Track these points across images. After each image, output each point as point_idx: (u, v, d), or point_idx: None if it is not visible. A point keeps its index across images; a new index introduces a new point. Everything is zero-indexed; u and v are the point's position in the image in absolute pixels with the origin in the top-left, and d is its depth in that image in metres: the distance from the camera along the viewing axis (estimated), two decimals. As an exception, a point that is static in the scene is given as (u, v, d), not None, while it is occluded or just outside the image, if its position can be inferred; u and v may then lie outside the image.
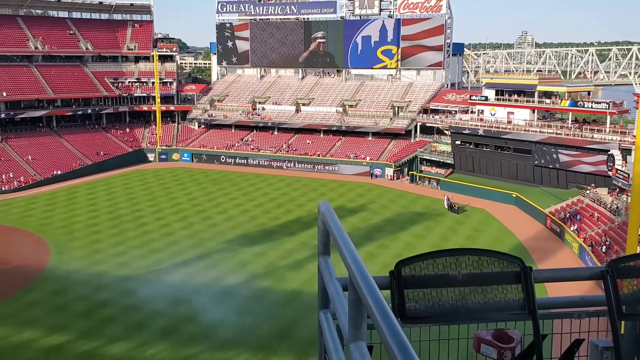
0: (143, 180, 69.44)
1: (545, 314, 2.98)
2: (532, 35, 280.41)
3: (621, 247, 38.97)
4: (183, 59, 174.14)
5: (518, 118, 63.57)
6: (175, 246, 45.40)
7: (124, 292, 36.45)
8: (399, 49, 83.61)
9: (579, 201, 51.47)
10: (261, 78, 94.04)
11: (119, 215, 54.20)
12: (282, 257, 42.67)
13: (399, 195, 62.00)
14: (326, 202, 3.00)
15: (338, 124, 79.17)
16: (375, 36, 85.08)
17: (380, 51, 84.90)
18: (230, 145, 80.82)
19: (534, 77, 71.64)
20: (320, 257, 3.00)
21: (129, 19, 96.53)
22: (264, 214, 54.54)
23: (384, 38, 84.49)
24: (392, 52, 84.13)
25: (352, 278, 2.33)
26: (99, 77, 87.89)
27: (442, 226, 50.69)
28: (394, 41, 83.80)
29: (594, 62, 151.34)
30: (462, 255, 2.73)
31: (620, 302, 2.82)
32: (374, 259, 41.00)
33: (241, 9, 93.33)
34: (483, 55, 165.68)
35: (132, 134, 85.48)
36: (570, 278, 2.94)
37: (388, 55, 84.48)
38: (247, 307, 34.39)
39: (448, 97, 76.85)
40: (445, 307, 2.69)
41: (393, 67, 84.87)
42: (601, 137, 55.20)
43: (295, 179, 69.20)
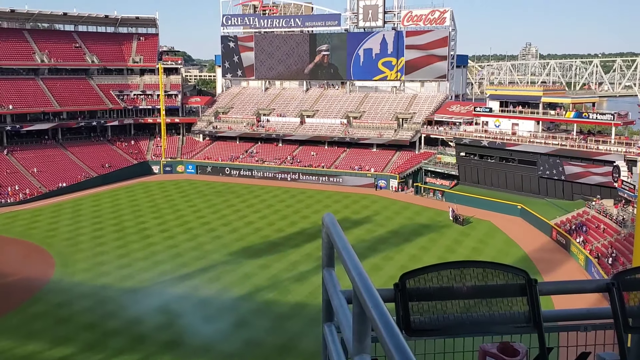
0: (148, 192, 69.60)
1: (550, 326, 2.96)
2: (536, 46, 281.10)
3: (627, 259, 38.72)
4: (188, 71, 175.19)
5: (522, 129, 63.53)
6: (179, 258, 45.38)
7: (129, 304, 36.38)
8: (398, 61, 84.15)
9: (585, 213, 51.25)
10: (266, 90, 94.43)
11: (124, 227, 54.27)
12: (287, 269, 42.57)
13: (403, 207, 61.90)
14: (330, 214, 3.00)
15: (342, 135, 79.28)
16: (376, 48, 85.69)
17: (381, 63, 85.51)
18: (235, 157, 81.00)
19: (538, 89, 71.69)
20: (325, 269, 3.00)
21: (134, 32, 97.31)
22: (269, 225, 54.51)
23: (385, 50, 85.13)
24: (392, 64, 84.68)
25: (357, 291, 2.32)
26: (105, 90, 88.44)
27: (447, 238, 50.52)
28: (393, 53, 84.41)
29: (599, 73, 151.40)
30: (467, 268, 2.71)
31: (627, 315, 2.80)
32: (378, 271, 40.85)
33: (246, 22, 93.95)
34: (487, 67, 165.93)
35: (137, 146, 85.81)
36: (576, 290, 2.92)
37: (388, 66, 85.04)
38: (251, 320, 34.28)
39: (452, 109, 76.89)
40: (450, 319, 2.68)
41: (393, 79, 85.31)
42: (606, 149, 55.06)
43: (300, 190, 69.23)
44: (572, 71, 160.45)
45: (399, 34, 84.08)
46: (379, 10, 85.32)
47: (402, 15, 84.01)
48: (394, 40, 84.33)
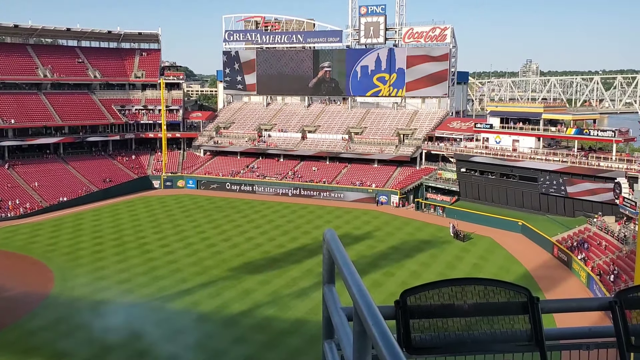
0: (148, 207, 69.58)
1: (553, 345, 2.93)
2: (537, 63, 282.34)
3: (629, 276, 38.54)
4: (189, 86, 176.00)
5: (523, 146, 63.62)
6: (179, 273, 45.23)
7: (128, 319, 36.18)
8: (390, 76, 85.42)
9: (586, 229, 51.11)
10: (267, 105, 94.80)
11: (124, 242, 54.17)
12: (287, 285, 42.39)
13: (404, 222, 61.80)
14: (331, 230, 2.99)
15: (344, 151, 79.43)
16: (371, 65, 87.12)
17: (376, 78, 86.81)
18: (236, 172, 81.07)
19: (539, 105, 71.89)
20: (325, 286, 2.98)
21: (137, 48, 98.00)
22: (269, 241, 54.39)
23: (379, 66, 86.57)
24: (386, 79, 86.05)
25: (357, 309, 2.31)
26: (106, 105, 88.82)
27: (448, 254, 50.37)
28: (387, 69, 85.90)
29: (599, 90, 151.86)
30: (468, 285, 2.70)
31: (630, 334, 2.78)
32: (379, 287, 40.68)
33: (248, 38, 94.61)
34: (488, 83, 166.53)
35: (137, 161, 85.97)
36: (578, 309, 2.90)
37: (382, 81, 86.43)
38: (251, 336, 34.06)
39: (453, 125, 77.10)
40: (451, 337, 2.65)
41: (386, 94, 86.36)
42: (608, 165, 55.08)
43: (301, 206, 69.17)
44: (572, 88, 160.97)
45: (391, 51, 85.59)
46: (380, 27, 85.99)
47: (403, 32, 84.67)
48: (387, 57, 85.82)
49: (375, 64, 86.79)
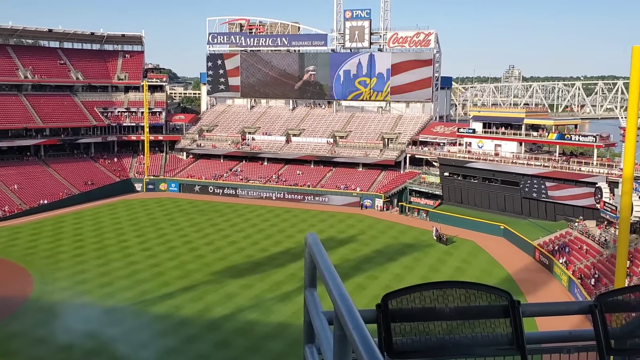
0: (130, 210, 68.96)
1: (534, 348, 2.93)
2: (519, 69, 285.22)
3: (610, 280, 39.00)
4: (173, 89, 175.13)
5: (505, 150, 64.18)
6: (161, 277, 44.87)
7: (109, 323, 35.79)
8: (371, 80, 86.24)
9: (568, 233, 51.67)
10: (251, 108, 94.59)
11: (105, 246, 53.62)
12: (270, 289, 42.25)
13: (388, 226, 61.97)
14: (313, 234, 2.96)
15: (328, 154, 79.48)
16: (353, 69, 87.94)
17: (357, 82, 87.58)
18: (219, 176, 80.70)
19: (521, 110, 72.57)
20: (307, 290, 2.95)
21: (120, 50, 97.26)
22: (252, 245, 54.18)
23: (360, 71, 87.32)
24: (367, 83, 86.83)
25: (338, 313, 2.28)
26: (89, 107, 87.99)
27: (431, 257, 50.60)
28: (367, 74, 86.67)
29: (581, 95, 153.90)
30: (450, 288, 2.69)
31: (609, 337, 2.78)
32: (362, 290, 40.72)
33: (232, 41, 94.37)
34: (471, 88, 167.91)
35: (120, 164, 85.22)
36: (559, 312, 2.91)
37: (363, 84, 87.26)
38: (233, 340, 33.88)
39: (437, 130, 77.59)
40: (432, 341, 2.64)
41: (367, 98, 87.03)
42: (589, 170, 55.77)
43: (285, 209, 69.04)
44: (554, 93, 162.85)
45: (372, 56, 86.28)
46: (365, 31, 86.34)
47: (388, 37, 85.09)
48: (368, 61, 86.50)
49: (357, 68, 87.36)
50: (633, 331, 2.84)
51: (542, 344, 3.02)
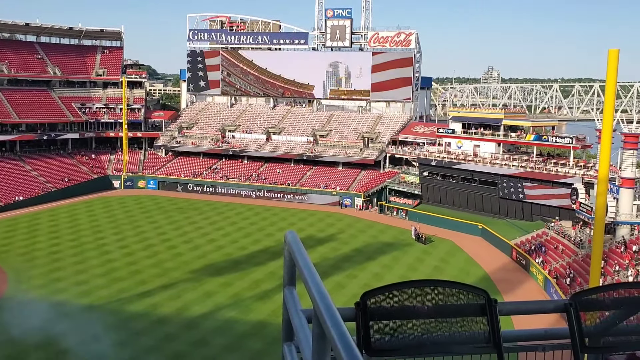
0: (107, 207, 68.18)
1: (510, 346, 2.97)
2: (498, 70, 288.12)
3: (585, 280, 39.62)
4: (152, 85, 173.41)
5: (484, 151, 64.81)
6: (138, 275, 44.46)
7: (85, 322, 35.35)
8: (350, 79, 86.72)
9: (544, 233, 52.36)
10: (231, 106, 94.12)
11: (82, 243, 52.94)
12: (249, 287, 42.12)
13: (368, 225, 62.17)
14: (293, 231, 2.96)
15: (309, 153, 79.46)
16: (334, 69, 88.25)
17: (338, 81, 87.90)
18: (198, 174, 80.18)
19: (499, 112, 73.35)
20: (286, 288, 2.95)
21: (98, 45, 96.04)
22: (231, 243, 53.96)
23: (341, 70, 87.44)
24: (347, 82, 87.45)
25: (317, 311, 2.29)
26: (66, 102, 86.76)
27: (410, 256, 50.90)
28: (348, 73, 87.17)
29: (558, 97, 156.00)
30: (428, 287, 2.71)
31: (584, 335, 2.83)
32: (342, 289, 40.81)
33: (213, 38, 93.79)
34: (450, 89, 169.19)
35: (97, 160, 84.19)
36: (535, 311, 2.94)
37: (343, 83, 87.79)
38: (212, 339, 33.71)
39: (416, 130, 78.05)
40: (410, 339, 2.65)
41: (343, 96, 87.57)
42: (565, 171, 56.59)
43: (265, 208, 68.87)
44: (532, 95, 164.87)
45: (353, 56, 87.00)
46: (346, 30, 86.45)
47: (369, 37, 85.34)
48: (349, 61, 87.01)
49: (337, 67, 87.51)
50: (607, 329, 2.89)
51: (518, 342, 3.05)
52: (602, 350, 2.90)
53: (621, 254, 42.65)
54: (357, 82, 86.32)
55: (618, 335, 2.86)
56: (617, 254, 42.90)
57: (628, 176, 46.07)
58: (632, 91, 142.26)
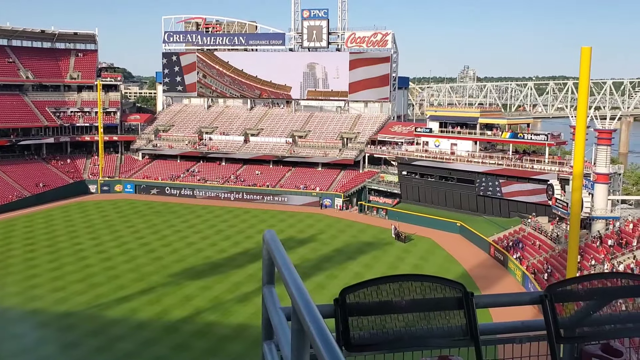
0: (84, 212, 67.27)
1: (488, 339, 2.99)
2: (474, 69, 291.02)
3: (562, 274, 40.20)
4: (128, 88, 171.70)
5: (461, 149, 65.40)
6: (117, 280, 43.94)
7: (63, 328, 34.88)
8: (327, 79, 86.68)
9: (521, 230, 53.00)
10: (208, 108, 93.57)
11: (59, 249, 52.14)
12: (229, 290, 41.91)
13: (348, 225, 62.29)
14: (271, 230, 2.95)
15: (287, 154, 79.31)
16: (311, 69, 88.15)
17: (316, 81, 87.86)
18: (176, 177, 79.54)
19: (475, 110, 74.08)
20: (265, 287, 2.94)
21: (72, 48, 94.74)
22: (211, 246, 53.63)
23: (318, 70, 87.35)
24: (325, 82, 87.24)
25: (295, 307, 2.28)
26: (40, 107, 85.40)
27: (390, 255, 51.12)
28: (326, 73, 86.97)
29: (533, 95, 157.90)
30: (406, 282, 2.73)
31: (559, 326, 2.87)
32: (322, 289, 40.82)
33: (188, 39, 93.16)
34: (427, 88, 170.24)
35: (73, 165, 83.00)
36: (511, 303, 2.98)
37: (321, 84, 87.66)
38: (192, 343, 33.47)
39: (394, 129, 78.45)
40: (389, 334, 2.67)
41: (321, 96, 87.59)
42: (541, 168, 57.36)
43: (244, 210, 68.57)
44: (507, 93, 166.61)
45: (330, 56, 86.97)
46: (323, 31, 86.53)
47: (346, 37, 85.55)
48: (326, 61, 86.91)
49: (315, 68, 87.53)
50: (581, 320, 2.93)
51: (496, 334, 3.08)
52: (577, 340, 2.94)
53: (597, 248, 43.38)
54: (334, 83, 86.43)
55: (592, 325, 2.91)
56: (593, 249, 43.62)
57: (602, 172, 46.91)
58: (605, 88, 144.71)
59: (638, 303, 2.92)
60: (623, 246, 42.22)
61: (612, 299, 2.94)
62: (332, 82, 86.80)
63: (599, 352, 2.93)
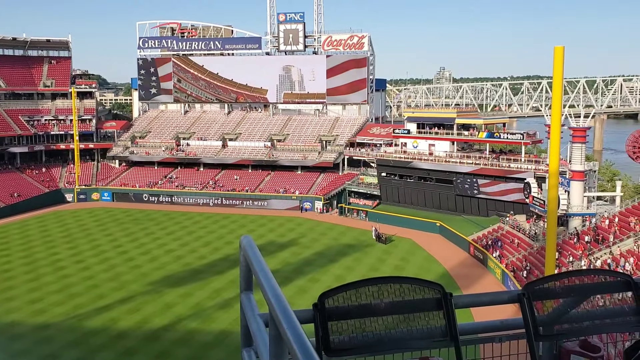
0: (61, 222, 66.26)
1: (468, 339, 3.00)
2: (450, 71, 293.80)
3: (540, 271, 40.68)
4: (103, 95, 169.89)
5: (439, 150, 65.88)
6: (96, 290, 43.33)
7: (41, 340, 34.26)
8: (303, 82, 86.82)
9: (500, 228, 53.53)
10: (185, 113, 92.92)
11: (35, 260, 51.25)
12: (210, 297, 41.60)
13: (328, 228, 62.31)
14: (248, 236, 2.93)
15: (267, 158, 79.09)
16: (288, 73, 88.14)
17: (293, 84, 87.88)
18: (154, 183, 78.81)
19: (452, 111, 74.70)
20: (243, 293, 2.91)
21: (45, 55, 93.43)
22: (190, 253, 53.20)
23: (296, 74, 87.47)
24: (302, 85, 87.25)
25: (273, 313, 2.26)
26: (13, 115, 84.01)
27: (371, 257, 51.24)
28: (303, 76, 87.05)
29: (508, 95, 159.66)
30: (384, 284, 2.72)
31: (537, 324, 2.88)
32: (304, 293, 40.73)
33: (164, 45, 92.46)
34: (404, 90, 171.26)
35: (48, 174, 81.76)
36: (489, 302, 2.99)
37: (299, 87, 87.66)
38: (174, 351, 33.13)
39: (373, 131, 78.77)
40: (369, 337, 2.65)
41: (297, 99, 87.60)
42: (517, 167, 58.02)
43: (223, 215, 68.17)
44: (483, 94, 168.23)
45: (307, 60, 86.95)
46: (299, 34, 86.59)
47: (323, 40, 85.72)
48: (303, 65, 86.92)
49: (292, 71, 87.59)
50: (559, 317, 2.95)
51: (476, 334, 3.09)
52: (556, 338, 2.95)
53: (574, 244, 44.00)
54: (312, 85, 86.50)
55: (570, 322, 2.92)
56: (571, 245, 44.24)
57: (578, 169, 47.65)
58: (579, 86, 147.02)
59: (615, 299, 2.95)
60: (600, 242, 42.88)
61: (589, 296, 2.96)
62: (308, 84, 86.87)
63: (578, 348, 2.95)
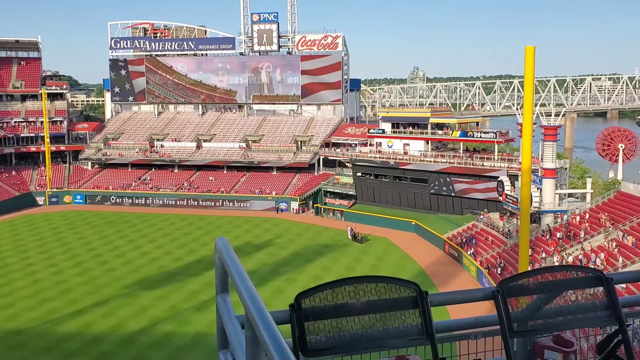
0: (32, 225, 65.04)
1: (443, 337, 3.02)
2: (424, 70, 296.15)
3: (514, 268, 41.24)
4: (74, 96, 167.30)
5: (414, 149, 66.37)
6: (69, 294, 42.65)
7: (13, 347, 33.58)
8: (278, 82, 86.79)
9: (474, 226, 54.13)
10: (159, 114, 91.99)
11: (6, 265, 50.21)
12: (186, 299, 41.26)
13: (304, 228, 62.29)
14: (223, 238, 2.90)
15: (242, 159, 78.72)
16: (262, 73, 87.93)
17: (268, 85, 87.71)
18: (127, 185, 77.85)
19: (426, 110, 75.32)
20: (219, 295, 2.89)
21: (14, 56, 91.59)
22: (165, 255, 52.69)
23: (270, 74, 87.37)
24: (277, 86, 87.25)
25: (249, 314, 2.25)
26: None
27: (347, 256, 51.38)
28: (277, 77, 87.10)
29: (481, 94, 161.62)
30: (360, 284, 2.72)
31: (512, 320, 2.91)
32: (281, 294, 40.66)
33: (136, 45, 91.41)
34: (379, 90, 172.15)
35: (19, 177, 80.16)
36: (464, 300, 3.01)
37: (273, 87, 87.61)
38: (150, 354, 32.78)
39: (348, 131, 78.99)
40: (346, 337, 2.66)
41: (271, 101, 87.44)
42: (491, 165, 58.74)
43: (199, 217, 67.66)
44: (456, 93, 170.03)
45: (281, 60, 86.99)
46: (273, 34, 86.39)
47: (297, 40, 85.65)
48: (277, 65, 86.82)
49: (266, 72, 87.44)
50: (533, 313, 2.98)
51: (451, 331, 3.11)
52: (530, 334, 2.99)
53: (547, 241, 44.73)
54: (285, 86, 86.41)
55: (544, 318, 2.96)
56: (543, 242, 44.96)
57: (549, 167, 48.46)
58: (549, 86, 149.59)
59: (586, 294, 3.00)
60: (571, 238, 43.67)
61: (561, 292, 3.01)
62: (282, 85, 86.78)
63: (551, 343, 3.00)
